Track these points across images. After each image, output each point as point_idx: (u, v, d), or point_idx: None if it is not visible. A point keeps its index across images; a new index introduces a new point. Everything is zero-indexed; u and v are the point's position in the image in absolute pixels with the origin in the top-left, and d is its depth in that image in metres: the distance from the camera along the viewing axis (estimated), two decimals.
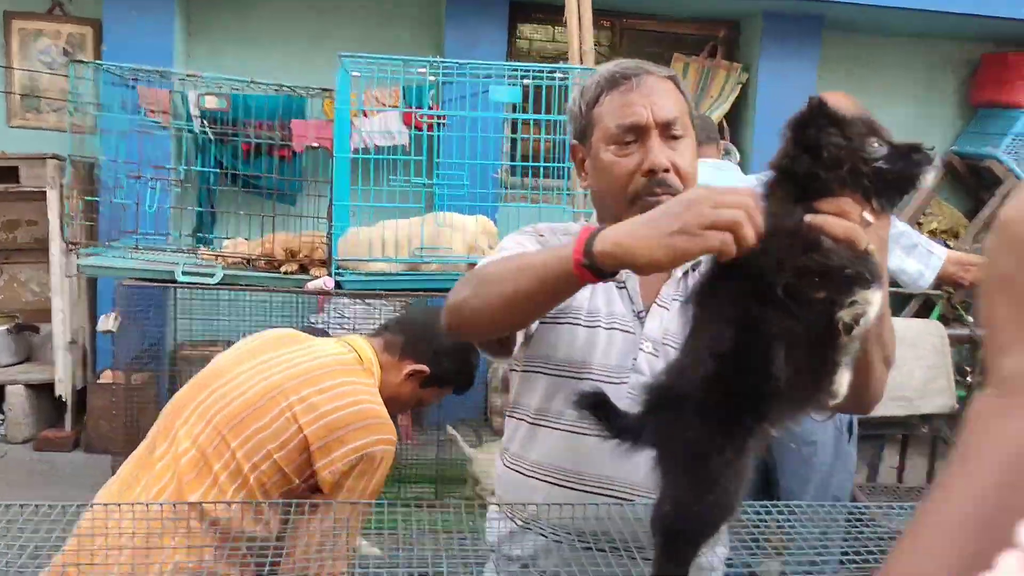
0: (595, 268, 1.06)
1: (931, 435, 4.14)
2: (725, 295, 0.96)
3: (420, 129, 3.86)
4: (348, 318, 3.74)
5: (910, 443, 4.19)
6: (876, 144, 0.97)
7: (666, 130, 1.39)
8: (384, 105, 4.89)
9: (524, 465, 1.47)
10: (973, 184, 5.97)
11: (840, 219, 0.98)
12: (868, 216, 0.98)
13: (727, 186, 1.05)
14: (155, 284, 3.08)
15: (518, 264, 1.19)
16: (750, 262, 0.93)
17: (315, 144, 4.31)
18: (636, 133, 1.38)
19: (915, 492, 4.04)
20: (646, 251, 1.00)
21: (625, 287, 1.46)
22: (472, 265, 3.07)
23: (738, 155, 5.80)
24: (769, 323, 0.92)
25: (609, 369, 1.40)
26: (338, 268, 3.01)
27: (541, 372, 1.46)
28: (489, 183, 3.62)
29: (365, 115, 4.68)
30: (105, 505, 1.40)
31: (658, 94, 1.40)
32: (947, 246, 5.68)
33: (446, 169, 3.03)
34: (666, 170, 1.37)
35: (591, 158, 1.46)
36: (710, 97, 5.64)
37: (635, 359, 1.40)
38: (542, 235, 1.49)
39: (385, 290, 3.05)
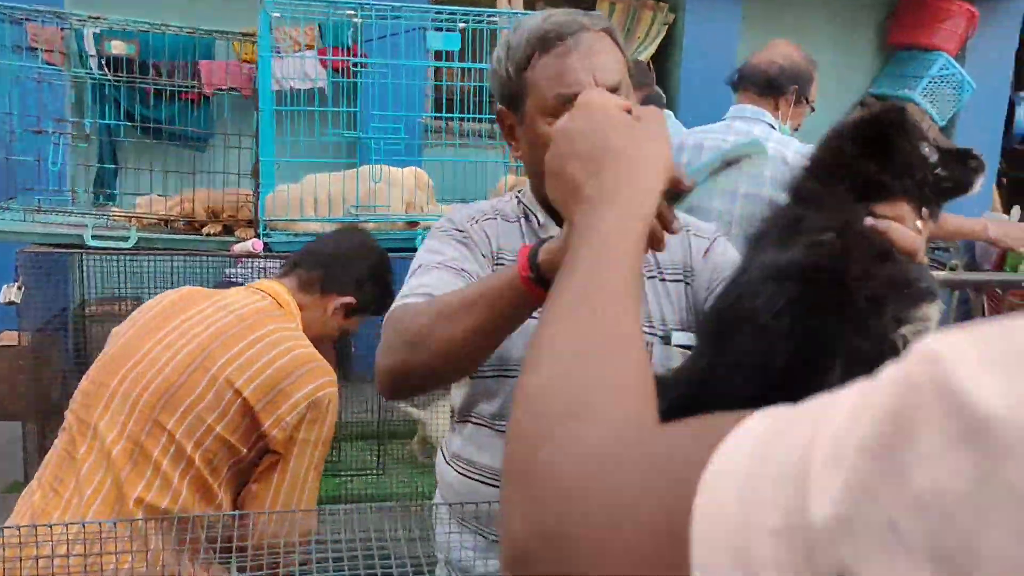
0: (544, 280, 1.01)
1: None
2: (785, 301, 0.85)
3: (339, 72, 3.64)
4: (265, 271, 3.55)
5: None
6: (929, 149, 0.89)
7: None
8: (300, 46, 4.60)
9: (480, 471, 1.38)
10: None
11: (903, 227, 0.91)
12: (919, 224, 0.90)
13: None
14: (62, 250, 2.81)
15: (460, 302, 1.09)
16: (829, 267, 0.83)
17: (225, 87, 4.02)
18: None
19: None
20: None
21: None
22: (411, 224, 2.92)
23: (664, 98, 5.75)
24: (837, 338, 0.82)
25: None
26: (266, 229, 2.81)
27: (499, 376, 1.34)
28: (416, 131, 3.46)
29: (279, 54, 4.40)
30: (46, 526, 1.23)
31: (597, 54, 1.27)
32: None
33: (379, 122, 2.84)
34: None
35: (525, 129, 1.33)
36: (636, 39, 5.53)
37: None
38: (461, 229, 1.36)
39: None
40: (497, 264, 1.35)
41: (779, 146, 2.63)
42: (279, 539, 1.67)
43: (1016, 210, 6.06)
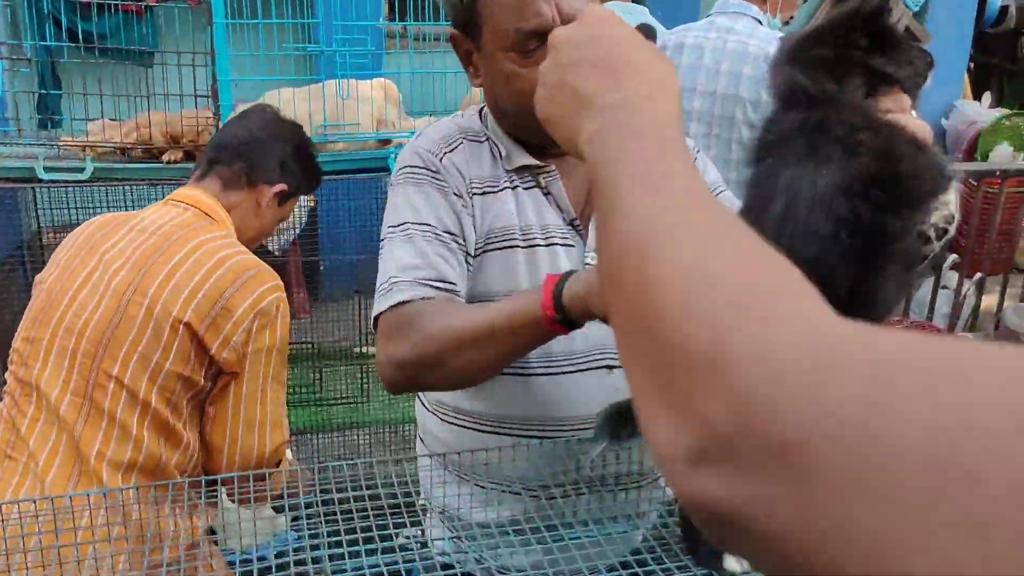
0: (570, 322, 1.00)
1: None
2: (823, 189, 0.79)
3: None
4: None
5: None
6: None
7: None
8: None
9: (474, 419, 1.31)
10: None
11: (914, 117, 0.89)
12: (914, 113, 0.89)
13: None
14: (12, 184, 2.64)
15: (483, 332, 1.06)
16: (881, 170, 0.79)
17: None
18: (540, 37, 1.15)
19: None
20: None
21: (551, 193, 1.28)
22: (383, 142, 2.77)
23: (656, 30, 5.51)
24: (894, 239, 0.79)
25: None
26: None
27: None
28: (378, 39, 3.28)
29: None
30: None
31: None
32: None
33: (342, 32, 2.66)
34: None
35: (484, 59, 1.23)
36: None
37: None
38: (435, 170, 1.25)
39: None
40: (472, 194, 1.26)
41: (763, 43, 2.52)
42: (253, 456, 1.64)
43: (987, 96, 6.01)
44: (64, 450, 1.51)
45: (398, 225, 1.23)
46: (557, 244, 1.26)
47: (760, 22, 2.61)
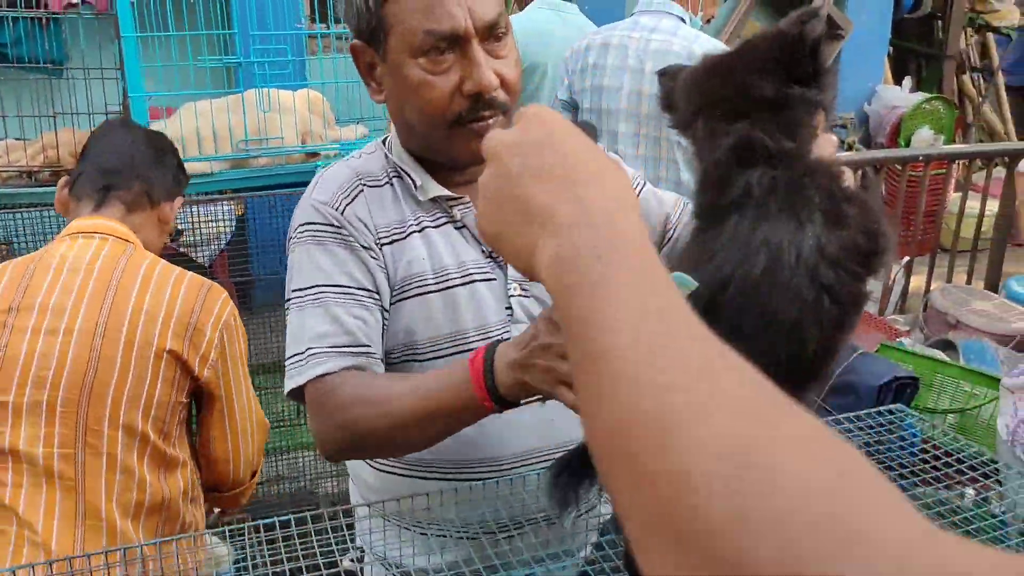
0: (506, 402, 0.99)
1: None
2: (807, 255, 0.75)
3: None
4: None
5: None
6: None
7: (488, 34, 1.12)
8: None
9: (402, 465, 1.25)
10: (783, 2, 5.98)
11: (827, 136, 0.84)
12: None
13: None
14: None
15: (417, 414, 1.05)
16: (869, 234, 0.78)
17: (76, 1, 3.58)
18: (452, 42, 1.10)
19: None
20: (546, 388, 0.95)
21: (465, 226, 1.22)
22: (310, 155, 2.67)
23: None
24: (859, 296, 0.78)
25: (486, 328, 1.19)
26: None
27: (410, 361, 1.20)
28: (300, 46, 3.18)
29: None
30: None
31: None
32: None
33: (260, 43, 2.55)
34: (495, 88, 1.12)
35: (389, 70, 1.16)
36: None
37: (508, 308, 1.20)
38: (337, 225, 1.18)
39: (207, 193, 2.62)
40: (381, 244, 1.19)
41: (686, 42, 2.51)
42: (253, 462, 1.75)
43: (907, 81, 6.15)
44: (62, 506, 1.44)
45: (306, 288, 1.17)
46: (477, 280, 1.20)
47: (683, 20, 2.60)
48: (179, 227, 3.73)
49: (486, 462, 1.22)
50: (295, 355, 1.15)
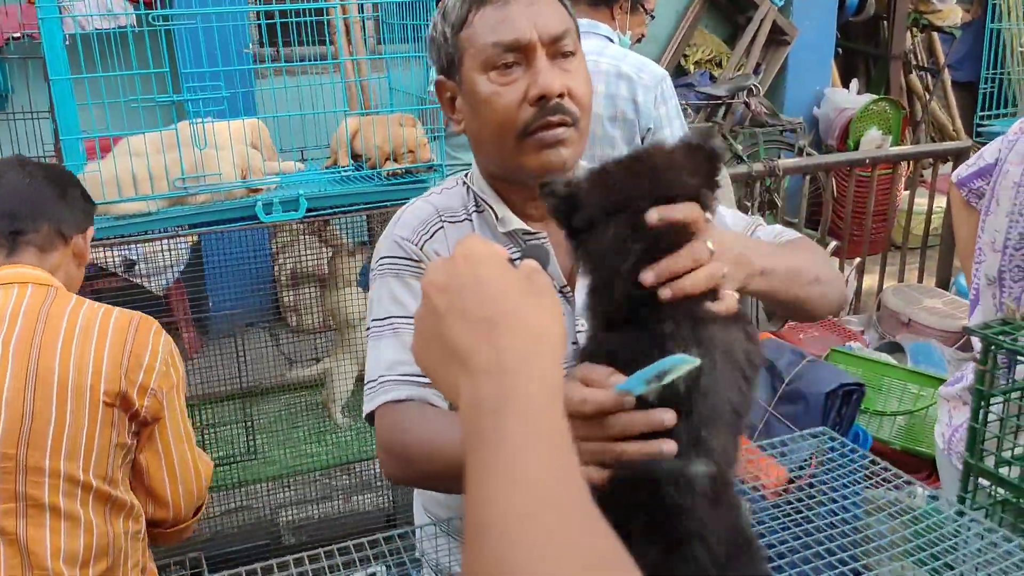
0: None
1: None
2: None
3: (150, 5, 3.26)
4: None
5: None
6: None
7: (554, 47, 1.17)
8: None
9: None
10: (730, 10, 6.06)
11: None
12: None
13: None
14: None
15: (457, 461, 1.04)
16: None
17: (19, 35, 3.55)
18: (519, 53, 1.16)
19: None
20: None
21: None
22: (253, 191, 2.66)
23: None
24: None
25: None
26: None
27: None
28: (244, 59, 3.16)
29: None
30: None
31: (540, 4, 1.18)
32: (712, 77, 5.82)
33: (195, 80, 2.53)
34: (560, 95, 1.15)
35: (465, 93, 1.22)
36: None
37: (575, 342, 1.22)
38: (416, 259, 1.24)
39: (145, 232, 2.60)
40: None
41: (613, 60, 2.53)
42: (195, 491, 1.72)
43: (854, 83, 6.24)
44: (7, 562, 1.43)
45: (384, 319, 1.23)
46: None
47: (611, 39, 2.62)
48: (131, 259, 3.70)
49: None
50: (370, 382, 1.21)
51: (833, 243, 4.83)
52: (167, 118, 2.76)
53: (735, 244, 0.97)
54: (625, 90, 2.52)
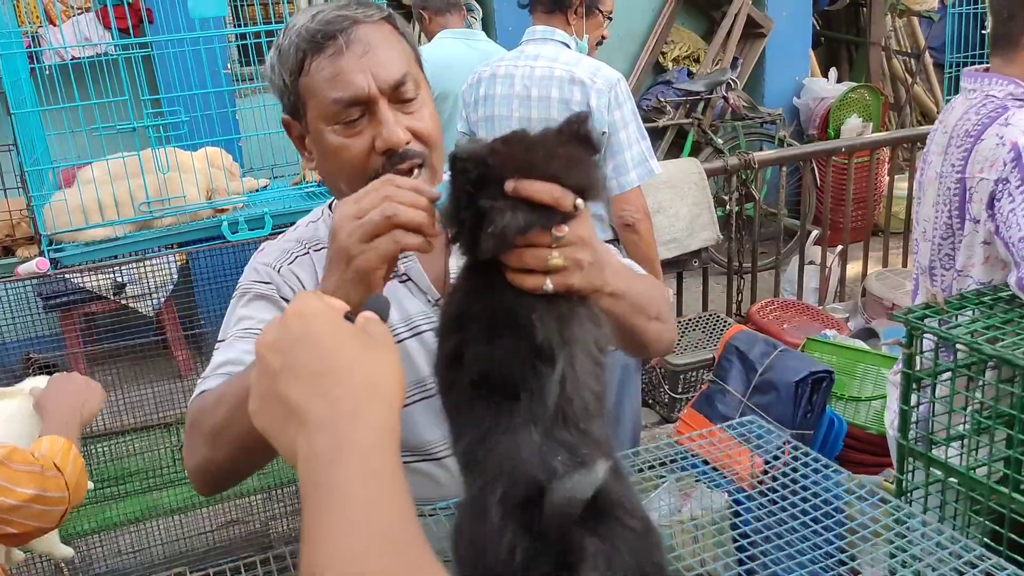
0: None
1: (701, 267, 4.36)
2: None
3: (127, 31, 3.32)
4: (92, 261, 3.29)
5: (684, 278, 4.40)
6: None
7: (395, 93, 1.17)
8: (74, 10, 4.18)
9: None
10: (705, 5, 6.09)
11: None
12: None
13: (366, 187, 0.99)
14: None
15: (237, 407, 1.00)
16: None
17: None
18: (360, 106, 1.16)
19: (694, 323, 4.30)
20: (347, 297, 0.93)
21: (410, 279, 1.27)
22: (218, 211, 2.73)
23: (480, 10, 5.55)
24: None
25: None
26: (51, 243, 2.57)
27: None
28: (221, 80, 3.22)
29: (52, 23, 3.98)
30: None
31: (376, 49, 1.16)
32: (690, 73, 5.85)
33: (168, 105, 2.60)
34: (407, 142, 1.17)
35: (313, 139, 1.22)
36: None
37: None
38: (266, 281, 1.24)
39: (113, 257, 2.66)
40: None
41: (567, 65, 2.58)
42: None
43: (833, 71, 6.26)
44: None
45: (221, 341, 1.23)
46: (425, 331, 1.24)
47: (567, 45, 2.66)
48: (120, 281, 3.77)
49: (417, 446, 1.25)
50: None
51: (815, 232, 4.86)
52: (134, 145, 2.82)
53: (599, 249, 0.97)
54: (579, 95, 2.56)
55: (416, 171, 1.18)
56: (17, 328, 2.40)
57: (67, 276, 3.12)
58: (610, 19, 2.90)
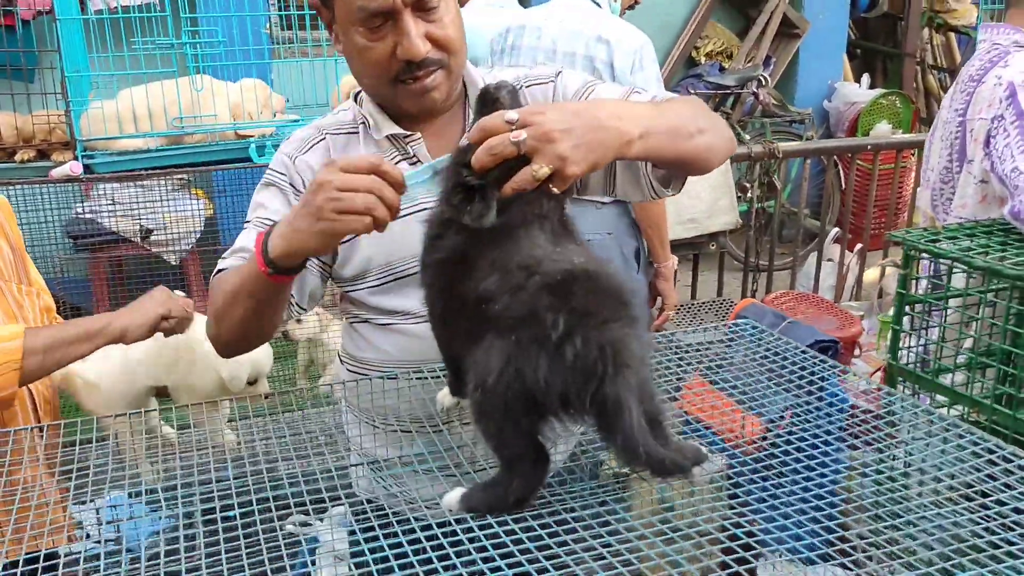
0: (282, 270, 1.14)
1: (718, 251, 4.38)
2: None
3: None
4: (121, 204, 3.37)
5: (700, 260, 4.42)
6: None
7: (419, 2, 1.25)
8: None
9: (365, 366, 1.42)
10: (742, 3, 6.13)
11: None
12: None
13: (355, 160, 1.06)
14: None
15: (232, 291, 1.23)
16: None
17: (44, 9, 3.73)
18: (385, 15, 1.24)
19: (707, 306, 4.32)
20: (306, 243, 1.09)
21: (418, 160, 1.35)
22: (240, 135, 2.80)
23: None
24: None
25: None
26: (85, 149, 2.65)
27: (368, 287, 1.36)
28: (261, 38, 3.30)
29: None
30: None
31: None
32: (722, 68, 5.88)
33: (205, 25, 2.68)
34: (427, 52, 1.26)
35: (340, 30, 1.31)
36: None
37: None
38: (283, 172, 1.38)
39: (145, 169, 2.74)
40: None
41: (596, 24, 2.60)
42: None
43: (865, 77, 6.27)
44: None
45: (246, 222, 1.38)
46: (430, 207, 1.29)
47: (599, 5, 2.70)
48: (148, 227, 3.85)
49: (429, 363, 1.31)
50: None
51: (835, 230, 4.86)
52: (174, 65, 2.90)
53: (585, 123, 1.02)
54: (604, 53, 2.59)
55: (432, 78, 1.28)
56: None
57: (97, 219, 3.20)
58: None
